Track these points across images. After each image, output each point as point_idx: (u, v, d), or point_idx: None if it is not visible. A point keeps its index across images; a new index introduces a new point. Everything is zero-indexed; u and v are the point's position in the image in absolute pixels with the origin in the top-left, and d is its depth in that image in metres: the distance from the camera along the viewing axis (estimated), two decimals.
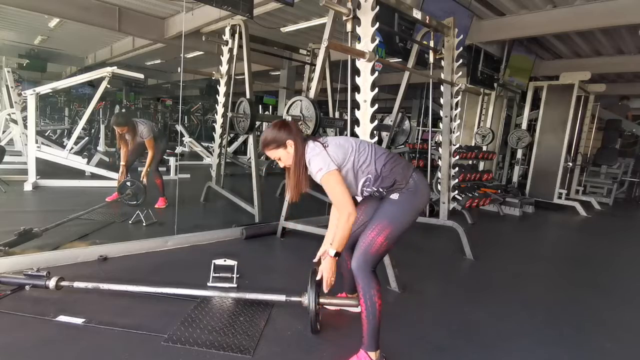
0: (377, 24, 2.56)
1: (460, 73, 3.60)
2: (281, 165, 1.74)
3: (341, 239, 1.59)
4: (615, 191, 7.43)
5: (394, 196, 1.64)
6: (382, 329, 1.58)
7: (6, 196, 4.29)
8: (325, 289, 1.69)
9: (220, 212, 4.38)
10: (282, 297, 1.93)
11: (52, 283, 1.96)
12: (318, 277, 1.72)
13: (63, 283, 2.00)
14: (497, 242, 4.16)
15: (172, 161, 6.32)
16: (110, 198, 4.19)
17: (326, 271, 1.66)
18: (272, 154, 1.71)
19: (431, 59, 3.58)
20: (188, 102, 13.52)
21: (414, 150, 4.68)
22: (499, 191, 5.47)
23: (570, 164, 6.30)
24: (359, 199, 1.84)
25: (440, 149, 3.67)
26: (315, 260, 1.84)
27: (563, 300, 2.59)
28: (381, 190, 1.67)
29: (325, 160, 1.57)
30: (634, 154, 8.16)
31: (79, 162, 5.46)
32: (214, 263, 2.37)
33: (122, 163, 4.16)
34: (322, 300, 1.78)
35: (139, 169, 4.26)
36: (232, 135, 8.63)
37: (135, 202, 4.04)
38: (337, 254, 1.62)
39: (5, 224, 3.05)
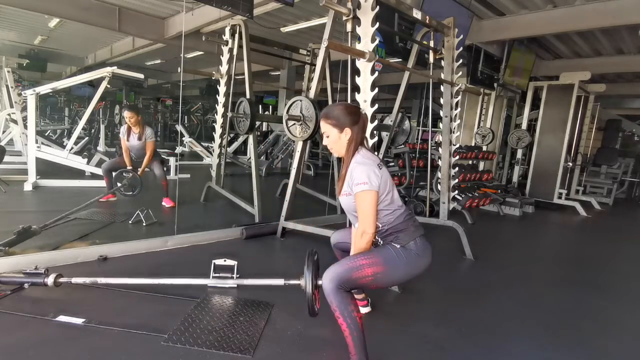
0: (377, 24, 2.56)
1: (460, 73, 3.60)
2: (324, 142, 1.69)
3: (358, 251, 1.58)
4: (615, 191, 7.44)
5: (397, 244, 1.60)
6: (382, 329, 1.57)
7: (6, 196, 4.29)
8: None
9: (220, 212, 4.38)
10: (280, 281, 1.88)
11: (50, 280, 1.96)
12: None
13: (61, 279, 2.00)
14: (497, 242, 4.16)
15: (172, 161, 6.32)
16: (104, 198, 4.19)
17: None
18: (325, 128, 1.65)
19: (431, 59, 3.58)
20: (188, 102, 13.54)
21: (414, 150, 4.67)
22: (499, 191, 5.46)
23: (570, 164, 6.30)
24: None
25: (440, 149, 3.67)
26: None
27: (563, 300, 2.59)
28: (382, 241, 1.66)
29: (370, 176, 1.52)
30: (634, 154, 8.16)
31: (79, 162, 5.45)
32: (214, 263, 2.37)
33: (129, 168, 4.12)
34: (319, 282, 1.76)
35: None
36: (232, 135, 8.64)
37: (131, 193, 4.01)
38: None
39: (6, 224, 3.05)
